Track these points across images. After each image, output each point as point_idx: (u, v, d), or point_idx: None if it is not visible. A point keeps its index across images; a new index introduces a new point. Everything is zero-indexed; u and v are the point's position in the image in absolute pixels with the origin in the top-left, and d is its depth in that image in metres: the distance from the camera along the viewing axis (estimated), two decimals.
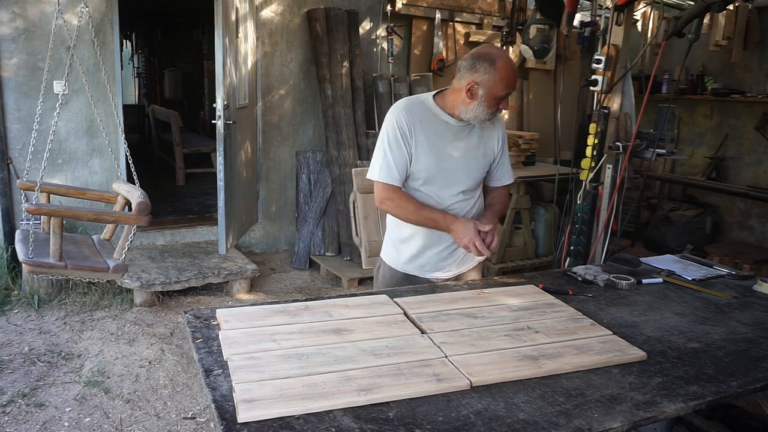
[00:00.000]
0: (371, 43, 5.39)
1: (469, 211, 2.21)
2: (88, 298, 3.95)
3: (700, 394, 1.46)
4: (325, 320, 1.73)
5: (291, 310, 1.79)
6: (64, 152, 4.28)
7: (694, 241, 5.32)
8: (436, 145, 2.10)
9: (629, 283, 2.18)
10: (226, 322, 1.70)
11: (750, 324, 1.90)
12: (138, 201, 2.53)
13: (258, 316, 1.75)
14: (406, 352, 1.55)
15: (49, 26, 3.75)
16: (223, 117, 4.15)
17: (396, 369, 1.46)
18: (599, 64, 3.31)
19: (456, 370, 1.47)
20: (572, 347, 1.63)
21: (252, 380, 1.38)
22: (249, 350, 1.53)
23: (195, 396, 2.99)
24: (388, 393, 1.37)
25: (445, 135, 2.12)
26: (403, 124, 2.07)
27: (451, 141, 2.12)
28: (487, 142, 2.21)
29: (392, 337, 1.64)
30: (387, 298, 1.91)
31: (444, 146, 2.11)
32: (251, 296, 4.32)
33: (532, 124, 6.28)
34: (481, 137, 2.18)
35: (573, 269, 2.32)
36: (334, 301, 1.89)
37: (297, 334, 1.63)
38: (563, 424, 1.31)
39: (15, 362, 3.20)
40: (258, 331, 1.64)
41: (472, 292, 2.01)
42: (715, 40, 5.24)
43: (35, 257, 2.41)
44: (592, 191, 3.39)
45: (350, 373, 1.44)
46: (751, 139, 5.60)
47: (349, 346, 1.57)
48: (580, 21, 4.71)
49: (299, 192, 5.15)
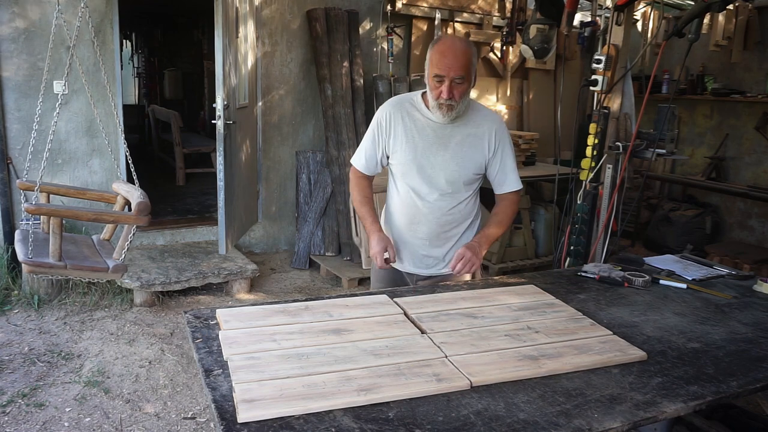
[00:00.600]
0: (371, 43, 5.39)
1: (451, 211, 2.21)
2: (88, 298, 3.95)
3: (700, 394, 1.46)
4: (325, 320, 1.73)
5: (291, 310, 1.79)
6: (64, 152, 4.28)
7: (694, 241, 5.32)
8: (414, 140, 2.15)
9: (645, 281, 2.17)
10: (226, 322, 1.69)
11: (750, 324, 1.90)
12: (138, 201, 2.53)
13: (258, 316, 1.75)
14: (406, 352, 1.55)
15: (49, 26, 3.75)
16: (223, 117, 4.15)
17: (396, 369, 1.46)
18: (599, 64, 3.31)
19: (456, 370, 1.47)
20: (572, 347, 1.63)
21: (252, 380, 1.38)
22: (249, 350, 1.52)
23: (195, 396, 2.99)
24: (388, 393, 1.36)
25: (425, 132, 2.14)
26: (383, 120, 2.19)
27: (431, 138, 2.14)
28: (475, 141, 2.16)
29: (392, 337, 1.64)
30: (387, 298, 1.91)
31: (423, 143, 2.14)
32: (251, 296, 4.32)
33: (532, 124, 6.28)
34: (467, 136, 2.15)
35: (584, 268, 2.31)
36: (334, 301, 1.89)
37: (297, 334, 1.63)
38: (563, 424, 1.31)
39: (15, 362, 3.20)
40: (258, 331, 1.64)
41: (472, 292, 2.02)
42: (715, 40, 5.24)
43: (35, 257, 2.41)
44: (592, 191, 3.39)
45: (350, 373, 1.43)
46: (751, 139, 5.60)
47: (349, 346, 1.57)
48: (580, 21, 4.71)
49: (299, 192, 5.15)
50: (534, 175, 5.06)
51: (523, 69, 6.20)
